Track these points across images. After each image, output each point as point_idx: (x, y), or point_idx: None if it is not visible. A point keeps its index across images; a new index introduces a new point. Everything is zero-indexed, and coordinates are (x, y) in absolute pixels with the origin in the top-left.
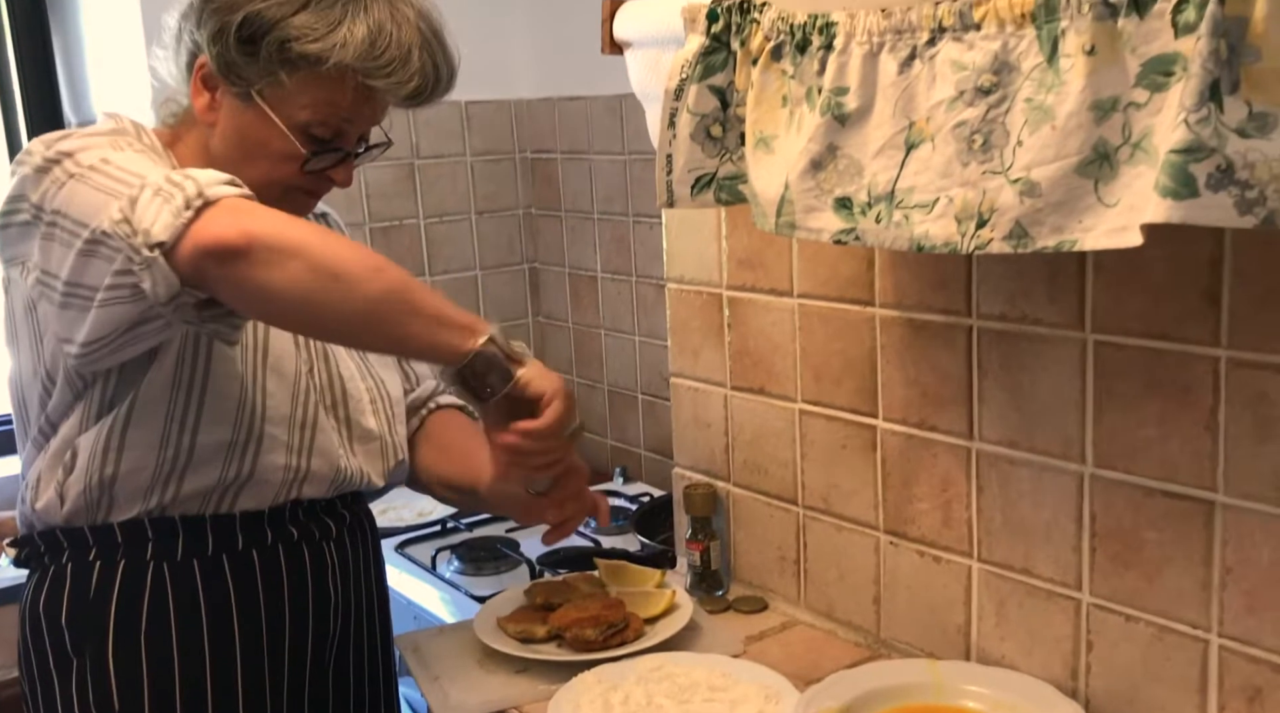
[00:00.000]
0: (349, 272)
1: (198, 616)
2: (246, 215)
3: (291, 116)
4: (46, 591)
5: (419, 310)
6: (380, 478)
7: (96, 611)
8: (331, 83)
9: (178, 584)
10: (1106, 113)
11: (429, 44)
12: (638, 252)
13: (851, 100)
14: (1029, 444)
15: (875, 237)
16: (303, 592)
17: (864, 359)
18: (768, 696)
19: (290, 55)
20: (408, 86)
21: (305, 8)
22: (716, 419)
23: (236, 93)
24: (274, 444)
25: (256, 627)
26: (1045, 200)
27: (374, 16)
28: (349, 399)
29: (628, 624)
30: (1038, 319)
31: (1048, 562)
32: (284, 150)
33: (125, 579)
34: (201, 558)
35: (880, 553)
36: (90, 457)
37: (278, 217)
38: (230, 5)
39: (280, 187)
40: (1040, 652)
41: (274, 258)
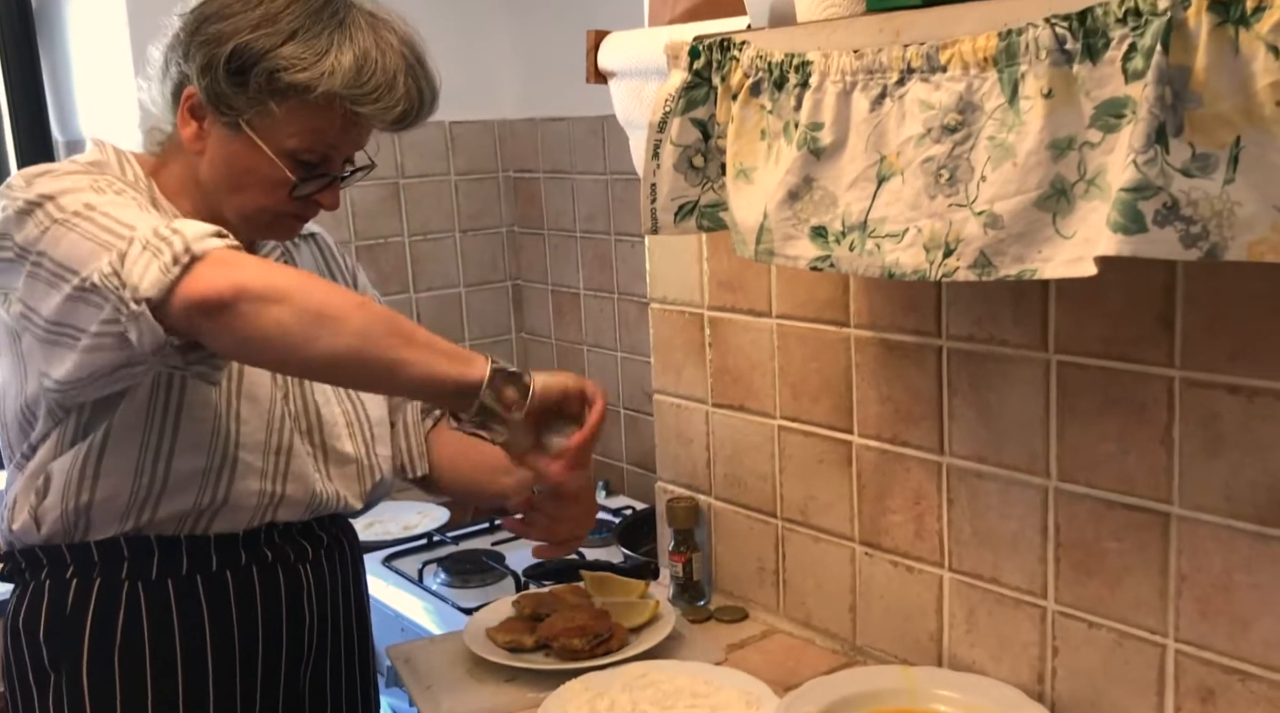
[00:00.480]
0: (335, 311)
1: (170, 634)
2: (234, 268)
3: (279, 144)
4: (27, 605)
5: (413, 341)
6: (358, 500)
7: (72, 627)
8: (319, 110)
9: (152, 603)
10: (1063, 151)
11: (413, 69)
12: (619, 269)
13: (826, 135)
14: (997, 459)
15: (849, 264)
16: (276, 613)
17: (840, 377)
18: (749, 701)
19: (279, 85)
20: (394, 111)
21: (292, 38)
22: (698, 435)
23: (225, 122)
24: (248, 470)
25: (229, 646)
26: (1007, 232)
27: (359, 45)
28: (324, 424)
29: (613, 634)
30: (1004, 340)
31: (1015, 571)
32: (272, 177)
33: (100, 597)
34: (176, 577)
35: (856, 563)
36: (65, 483)
37: (263, 266)
38: (218, 37)
39: (269, 212)
40: (1008, 657)
41: (261, 307)
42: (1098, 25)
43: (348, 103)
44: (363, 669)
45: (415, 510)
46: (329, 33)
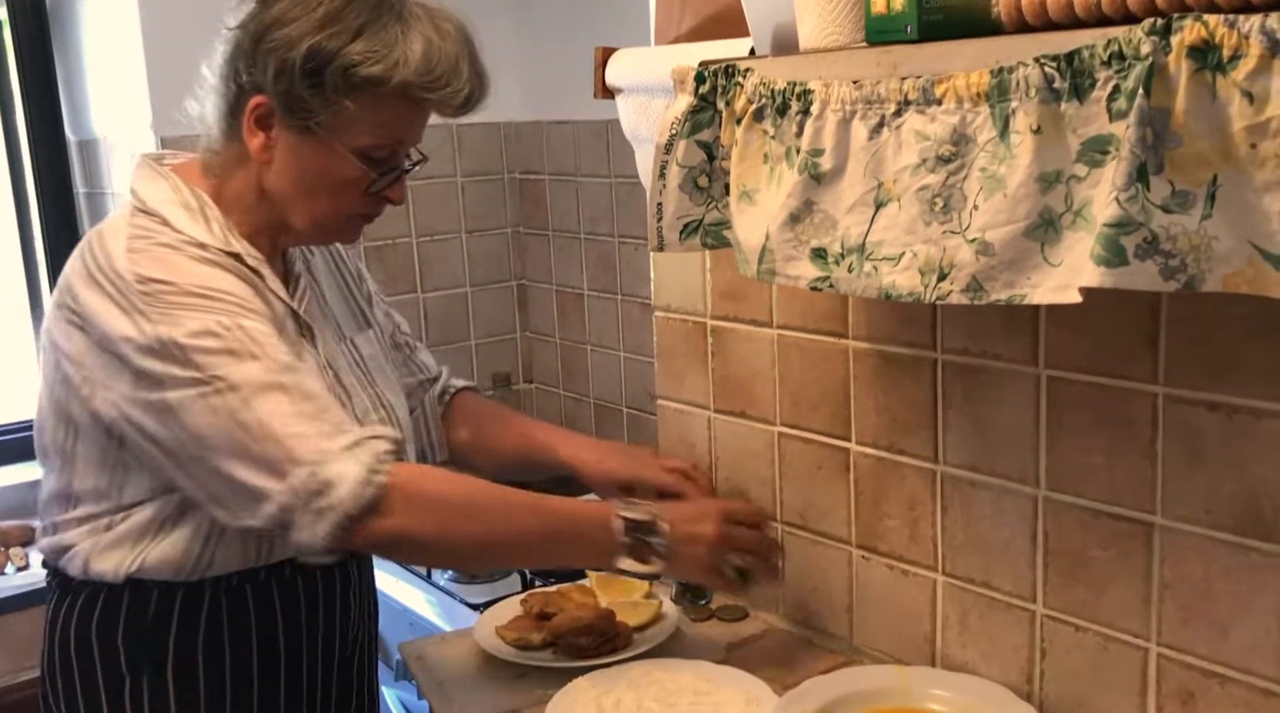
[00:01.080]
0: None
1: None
2: (391, 516)
3: (352, 142)
4: (100, 611)
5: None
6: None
7: (156, 632)
8: (392, 102)
9: (232, 604)
10: (1051, 184)
11: (471, 54)
12: (623, 271)
13: (826, 161)
14: (989, 468)
15: (848, 285)
16: (332, 607)
17: (838, 387)
18: (749, 699)
19: (355, 81)
20: (460, 95)
21: (360, 34)
22: (700, 440)
23: (296, 127)
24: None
25: (297, 641)
26: (998, 259)
27: (423, 33)
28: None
29: (618, 633)
30: (996, 355)
31: (1006, 576)
32: (347, 177)
33: (184, 603)
34: (253, 583)
35: (853, 566)
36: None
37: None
38: (287, 42)
39: (341, 215)
40: (999, 659)
41: (427, 551)
42: (1084, 66)
43: (419, 90)
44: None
45: None
46: (393, 24)
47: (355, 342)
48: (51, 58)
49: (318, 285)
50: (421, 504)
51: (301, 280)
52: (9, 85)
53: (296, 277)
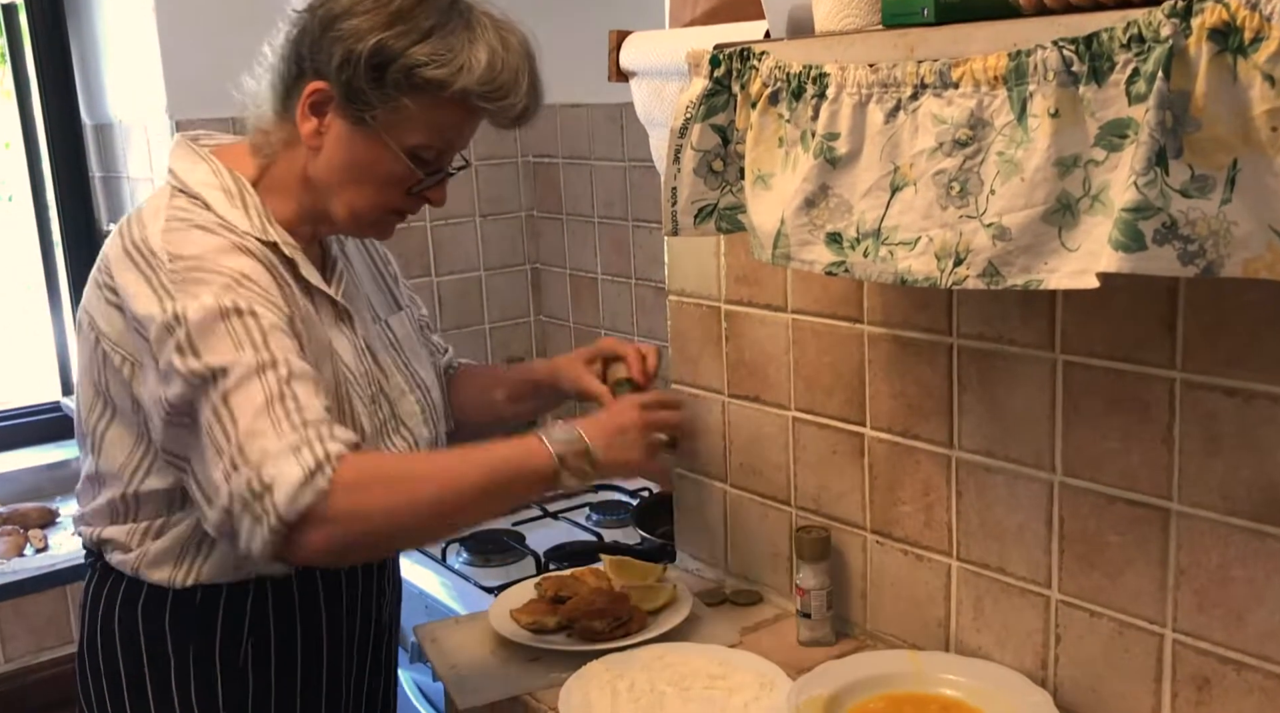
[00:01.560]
0: (428, 517)
1: (293, 621)
2: (331, 525)
3: (403, 140)
4: (146, 598)
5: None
6: None
7: (205, 618)
8: (449, 107)
9: (276, 594)
10: (1069, 168)
11: (532, 69)
12: (636, 254)
13: (842, 145)
14: (1004, 454)
15: (863, 270)
16: (367, 591)
17: (853, 372)
18: (762, 683)
19: (416, 81)
20: (516, 108)
21: (429, 36)
22: (715, 424)
23: (350, 118)
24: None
25: (338, 620)
26: (1015, 244)
27: (489, 43)
28: (407, 418)
29: (632, 617)
30: (1012, 339)
31: (1020, 562)
32: (393, 173)
33: (231, 590)
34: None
35: (867, 551)
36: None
37: (358, 504)
38: (355, 33)
39: (381, 209)
40: (1013, 644)
41: (371, 544)
42: (1103, 49)
43: (478, 99)
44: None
45: None
46: (461, 30)
47: (389, 323)
48: (67, 42)
49: (352, 269)
50: (364, 501)
51: (338, 265)
52: (25, 70)
53: (334, 261)
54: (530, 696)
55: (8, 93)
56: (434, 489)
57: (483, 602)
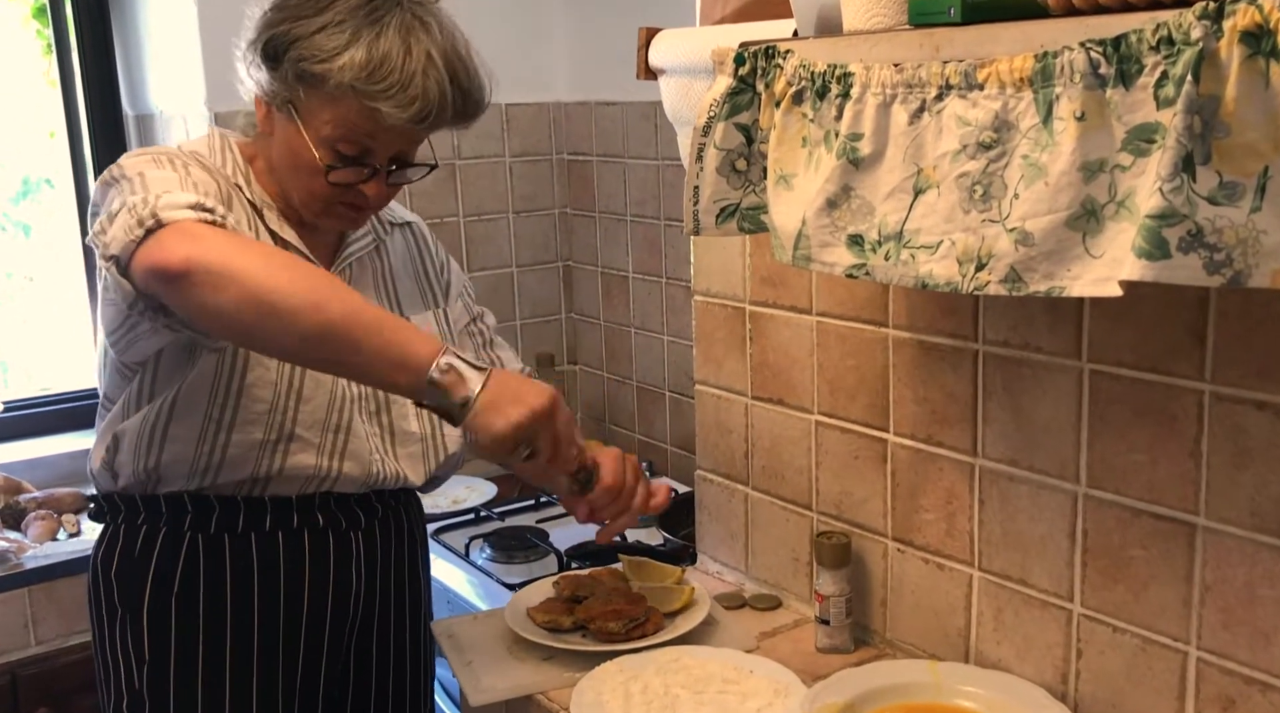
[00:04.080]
0: (285, 306)
1: (223, 585)
2: (191, 241)
3: (318, 131)
4: (104, 545)
5: (360, 347)
6: (419, 478)
7: (138, 570)
8: (339, 101)
9: (209, 554)
10: (1094, 173)
11: (437, 71)
12: (668, 254)
13: (865, 146)
14: (1028, 463)
15: (884, 273)
16: (323, 574)
17: (877, 376)
18: (777, 690)
19: (301, 73)
20: (409, 109)
21: (321, 30)
22: (738, 426)
23: (277, 106)
24: (304, 446)
25: (274, 600)
26: (1038, 249)
27: (383, 44)
28: (392, 404)
29: (649, 618)
30: (1038, 347)
31: (1043, 573)
32: (311, 163)
33: (164, 545)
34: (232, 533)
35: (888, 559)
36: (134, 445)
37: (227, 244)
38: (265, 23)
39: (319, 198)
40: (1034, 657)
41: (211, 283)
42: (1131, 52)
43: (362, 97)
44: (414, 640)
45: (463, 485)
46: (354, 29)
47: (409, 318)
48: (110, 33)
49: (382, 262)
50: (241, 243)
51: (352, 247)
52: (70, 61)
53: (348, 244)
54: (543, 695)
55: (53, 83)
56: (296, 283)
57: (505, 598)
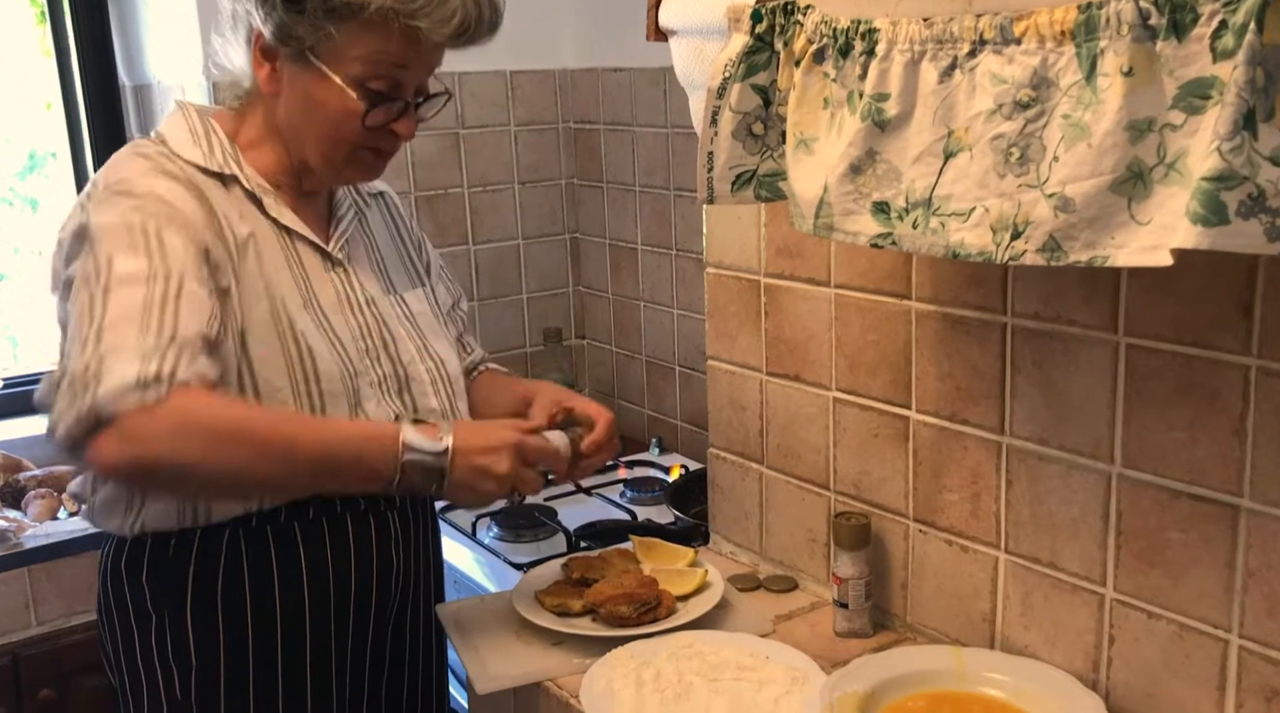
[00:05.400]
0: (238, 486)
1: (270, 577)
2: (135, 445)
3: (347, 71)
4: (128, 549)
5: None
6: None
7: (176, 570)
8: (376, 29)
9: (252, 548)
10: (1142, 133)
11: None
12: (678, 225)
13: (892, 106)
14: (1059, 442)
15: (912, 242)
16: (367, 557)
17: (899, 351)
18: (794, 677)
19: (333, 5)
20: (450, 24)
21: None
22: (752, 403)
23: (292, 55)
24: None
25: (324, 589)
26: (1079, 216)
27: None
28: (413, 383)
29: (661, 602)
30: (1071, 320)
31: (1073, 557)
32: (343, 107)
33: (203, 542)
34: (274, 524)
35: (909, 540)
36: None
37: (171, 438)
38: None
39: (346, 146)
40: (1063, 643)
41: (167, 483)
42: (1185, 0)
43: (402, 17)
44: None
45: None
46: None
47: (405, 298)
48: (105, 3)
49: (370, 238)
50: (184, 430)
51: (344, 223)
52: (64, 30)
53: (339, 219)
54: (553, 682)
55: (48, 52)
56: (250, 456)
57: (512, 579)
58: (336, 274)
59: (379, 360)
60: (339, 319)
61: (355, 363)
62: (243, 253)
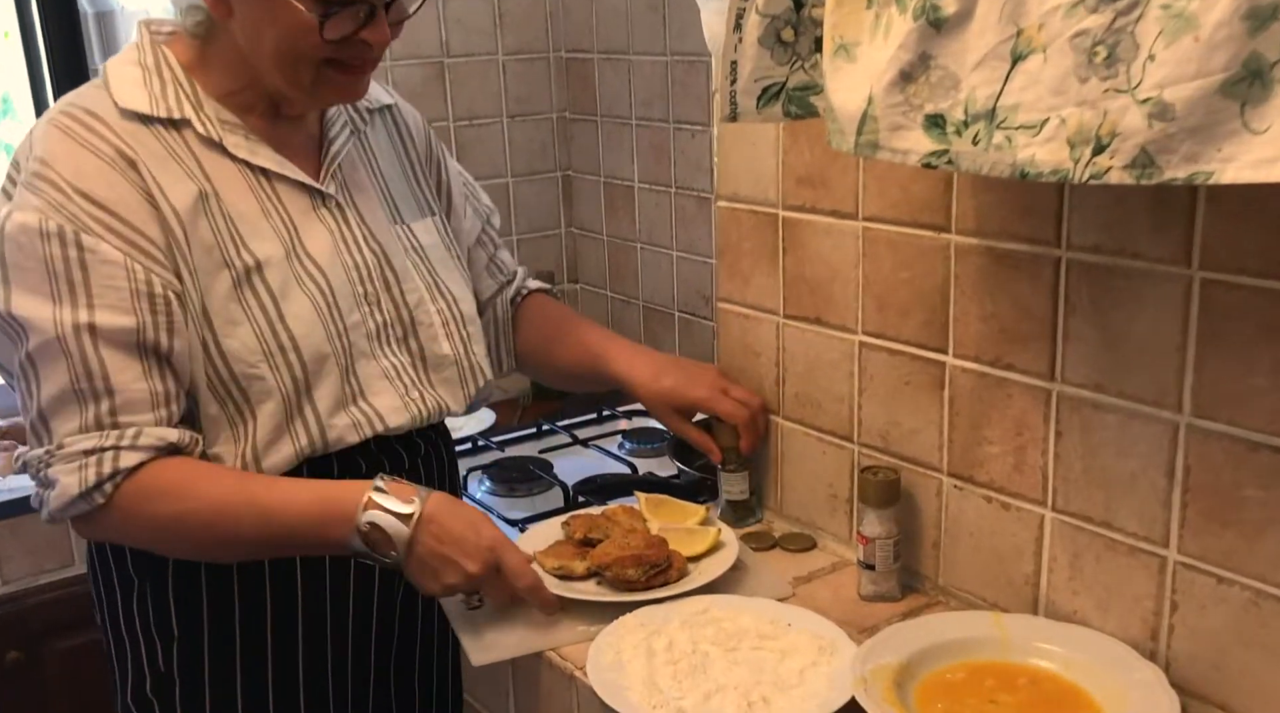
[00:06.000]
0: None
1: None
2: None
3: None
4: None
5: (287, 547)
6: (460, 405)
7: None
8: None
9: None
10: (1263, 22)
11: None
12: (677, 161)
13: (949, 3)
14: (1118, 388)
15: (971, 161)
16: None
17: (935, 290)
18: (821, 647)
19: None
20: None
21: None
22: (767, 349)
23: None
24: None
25: (319, 560)
26: (1179, 125)
27: None
28: (420, 327)
29: (671, 564)
30: (1137, 252)
31: (1131, 515)
32: (295, 21)
33: None
34: None
35: (943, 497)
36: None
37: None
38: None
39: (309, 64)
40: (1117, 610)
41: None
42: None
43: None
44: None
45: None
46: None
47: (412, 228)
48: None
49: (372, 161)
50: (130, 526)
51: (336, 146)
52: None
53: (330, 143)
54: (555, 653)
55: None
56: (196, 549)
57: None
58: (329, 210)
59: (379, 305)
60: (332, 264)
61: (345, 317)
62: (191, 223)
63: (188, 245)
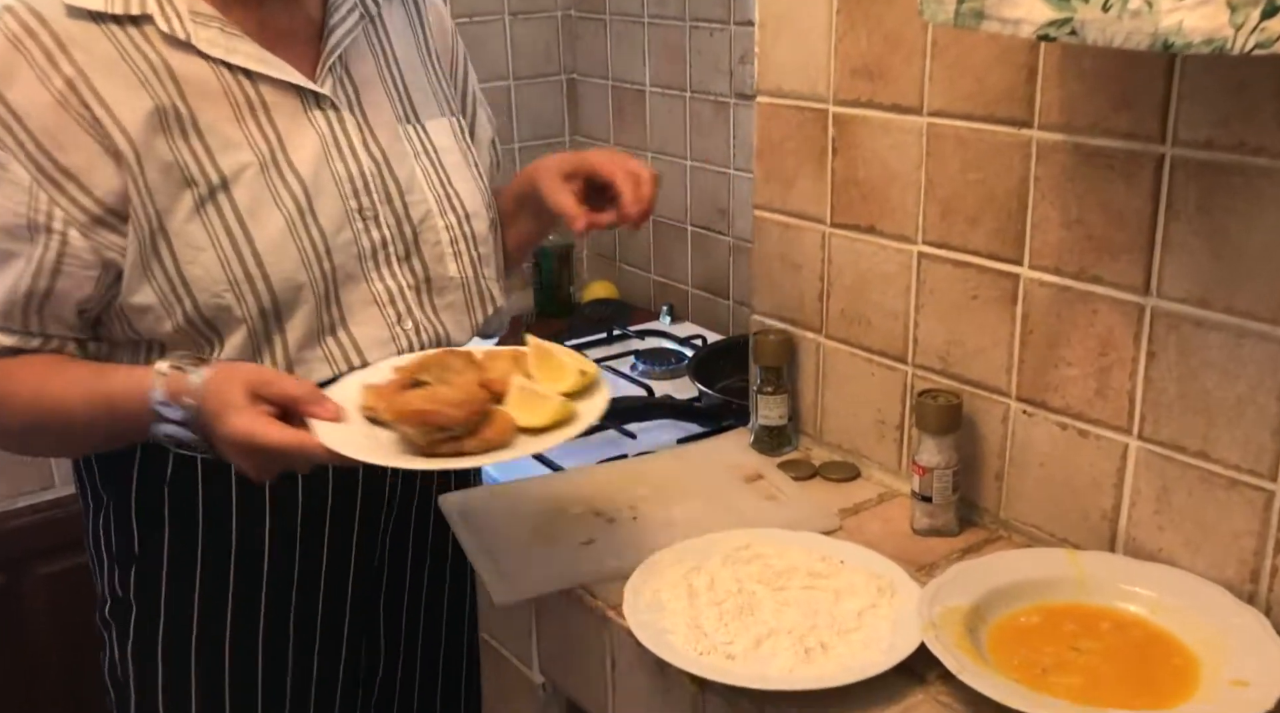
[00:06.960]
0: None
1: (226, 476)
2: None
3: None
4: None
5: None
6: (465, 334)
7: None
8: None
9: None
10: None
11: None
12: (693, 62)
13: None
14: (1226, 304)
15: (1099, 31)
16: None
17: (1010, 194)
18: (880, 587)
19: None
20: None
21: None
22: (810, 261)
23: None
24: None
25: (291, 487)
26: None
27: None
28: (424, 245)
29: (473, 431)
30: (1260, 147)
31: (1234, 445)
32: None
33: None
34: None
35: (1009, 423)
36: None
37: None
38: None
39: None
40: (1211, 549)
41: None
42: None
43: None
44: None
45: None
46: None
47: (426, 127)
48: None
49: (384, 49)
50: None
51: (339, 34)
52: None
53: (331, 30)
54: (585, 589)
55: None
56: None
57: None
58: (322, 111)
59: (375, 220)
60: (316, 175)
61: (330, 236)
62: (144, 142)
63: (139, 167)
